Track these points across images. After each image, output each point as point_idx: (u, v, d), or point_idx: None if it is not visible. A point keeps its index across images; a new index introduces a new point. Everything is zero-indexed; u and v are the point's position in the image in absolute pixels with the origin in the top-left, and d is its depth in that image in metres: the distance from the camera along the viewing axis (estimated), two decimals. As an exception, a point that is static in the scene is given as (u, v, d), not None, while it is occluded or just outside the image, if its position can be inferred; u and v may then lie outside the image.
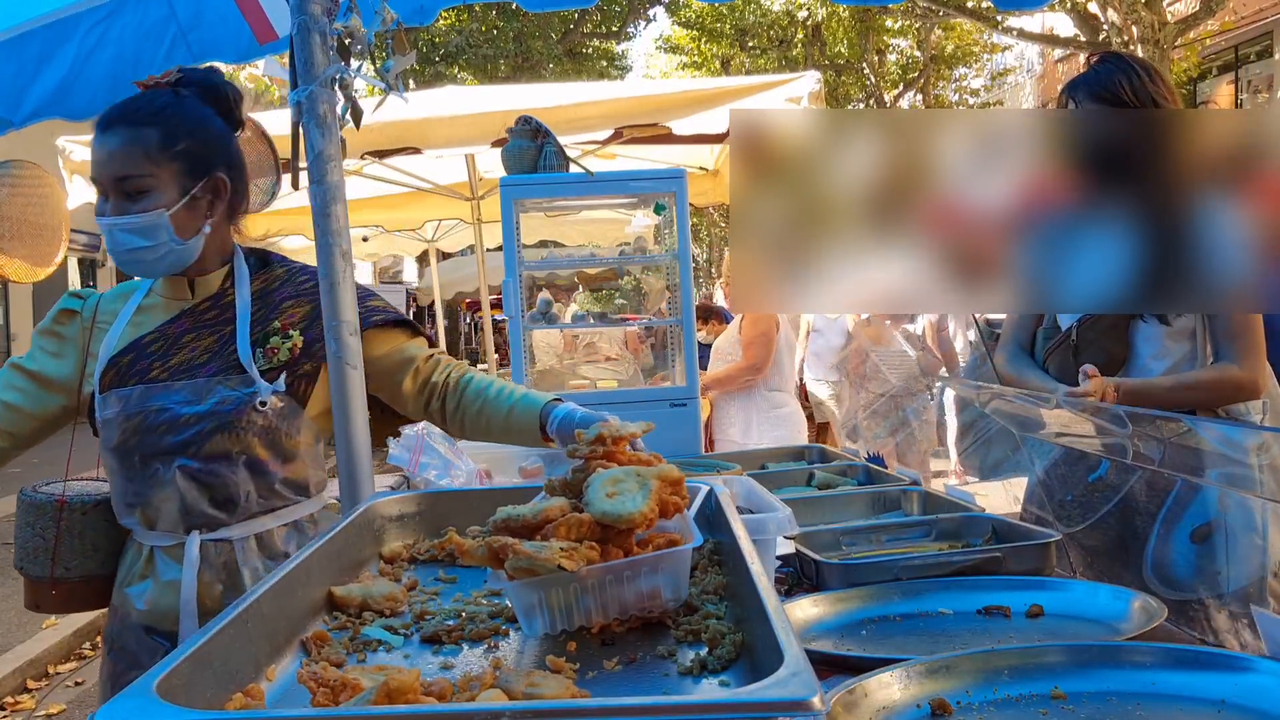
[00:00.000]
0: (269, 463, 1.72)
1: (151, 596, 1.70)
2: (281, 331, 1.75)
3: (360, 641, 1.06)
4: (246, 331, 1.72)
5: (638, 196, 3.70)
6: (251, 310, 1.75)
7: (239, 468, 1.68)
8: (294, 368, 1.73)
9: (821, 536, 1.81)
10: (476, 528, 1.28)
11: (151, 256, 1.66)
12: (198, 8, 2.54)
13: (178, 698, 0.78)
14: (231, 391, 1.68)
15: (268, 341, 1.73)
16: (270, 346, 1.73)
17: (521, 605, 1.04)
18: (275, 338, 1.74)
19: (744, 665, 0.94)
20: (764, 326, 4.37)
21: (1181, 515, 1.80)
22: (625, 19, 19.92)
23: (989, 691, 1.14)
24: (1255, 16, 13.84)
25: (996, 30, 14.98)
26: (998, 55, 22.05)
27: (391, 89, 1.69)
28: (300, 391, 1.74)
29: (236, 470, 1.68)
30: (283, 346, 1.73)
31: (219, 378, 1.68)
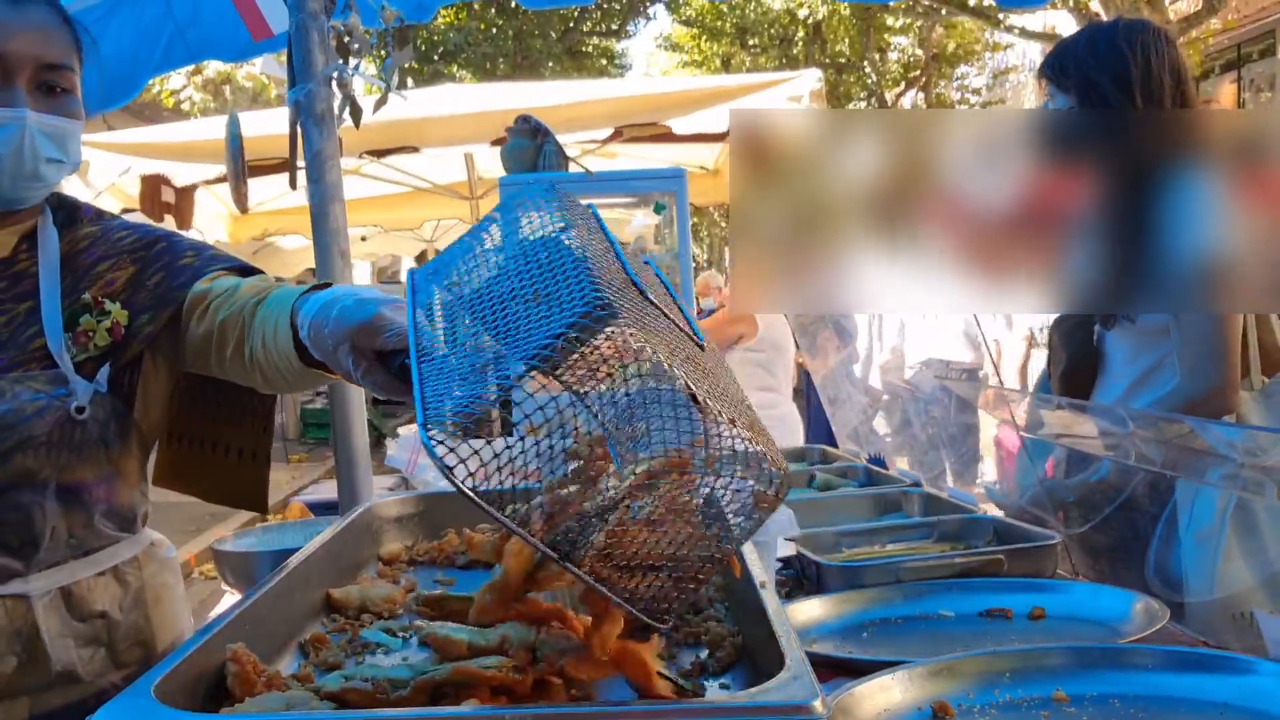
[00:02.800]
0: (90, 488, 1.29)
1: None
2: (95, 307, 1.30)
3: (359, 644, 1.05)
4: (57, 309, 1.28)
5: (638, 196, 3.70)
6: (60, 282, 1.31)
7: (47, 497, 1.25)
8: (116, 356, 1.30)
9: (822, 538, 1.80)
10: (487, 525, 1.28)
11: (55, 177, 1.29)
12: (194, 6, 2.54)
13: (176, 700, 0.78)
14: (35, 396, 1.23)
15: (77, 323, 1.28)
16: (81, 329, 1.28)
17: None
18: (86, 315, 1.29)
19: (745, 668, 0.94)
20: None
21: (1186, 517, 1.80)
22: (625, 17, 19.91)
23: (991, 694, 1.14)
24: (1258, 15, 13.82)
25: (998, 29, 14.98)
26: (999, 54, 22.03)
27: (390, 88, 1.69)
28: (121, 386, 1.31)
29: (45, 500, 1.24)
30: (99, 327, 1.29)
31: (15, 375, 1.23)
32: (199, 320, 1.34)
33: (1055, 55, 1.96)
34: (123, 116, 8.01)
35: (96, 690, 1.33)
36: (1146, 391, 1.92)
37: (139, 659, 1.38)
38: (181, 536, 6.76)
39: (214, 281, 1.36)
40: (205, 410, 1.52)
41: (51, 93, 1.28)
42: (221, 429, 1.53)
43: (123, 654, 1.36)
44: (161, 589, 1.44)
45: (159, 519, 1.49)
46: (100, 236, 1.38)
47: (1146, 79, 1.82)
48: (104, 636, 1.34)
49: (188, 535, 6.75)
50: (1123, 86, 1.83)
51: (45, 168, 1.27)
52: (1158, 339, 1.89)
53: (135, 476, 1.38)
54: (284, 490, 8.36)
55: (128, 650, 1.37)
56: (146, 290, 1.33)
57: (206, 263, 1.38)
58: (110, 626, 1.35)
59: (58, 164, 1.29)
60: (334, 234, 1.82)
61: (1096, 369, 2.00)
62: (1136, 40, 1.84)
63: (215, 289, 1.35)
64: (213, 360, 1.33)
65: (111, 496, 1.33)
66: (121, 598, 1.36)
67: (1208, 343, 1.78)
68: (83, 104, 1.35)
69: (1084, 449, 1.96)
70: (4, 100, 1.24)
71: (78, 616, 1.31)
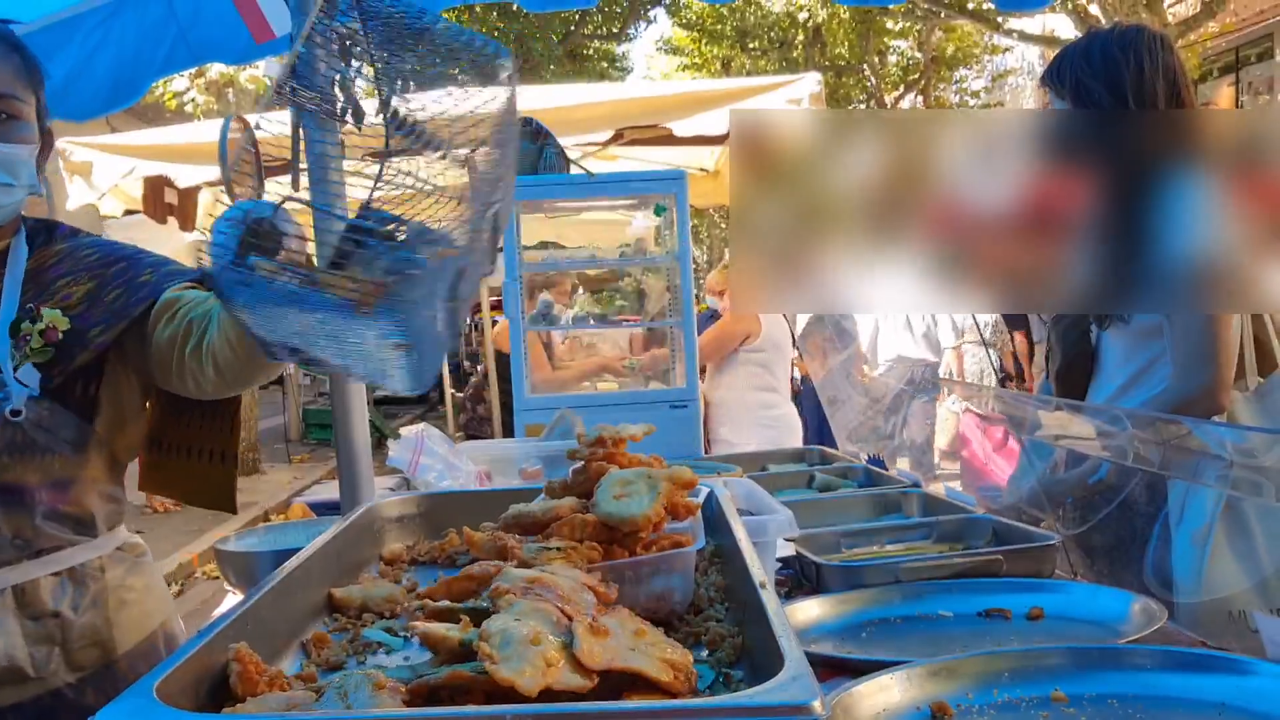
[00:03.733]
0: (32, 491, 1.34)
1: None
2: (35, 314, 1.35)
3: (360, 643, 1.06)
4: (8, 319, 1.35)
5: (638, 198, 3.70)
6: (21, 295, 1.37)
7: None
8: (59, 362, 1.34)
9: (822, 538, 1.81)
10: (490, 523, 1.28)
11: (6, 201, 1.36)
12: (197, 7, 2.55)
13: (177, 700, 0.79)
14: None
15: (19, 329, 1.34)
16: (21, 334, 1.33)
17: None
18: (26, 322, 1.34)
19: (744, 668, 0.94)
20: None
21: (1182, 517, 1.80)
22: (626, 20, 19.93)
23: (989, 694, 1.14)
24: (1256, 18, 13.83)
25: (997, 32, 14.99)
26: (998, 57, 22.04)
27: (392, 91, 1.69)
28: (73, 395, 1.37)
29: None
30: (34, 330, 1.34)
31: None
32: (166, 324, 1.38)
33: (1055, 62, 1.98)
34: (126, 118, 8.02)
35: (50, 689, 1.36)
36: (1139, 390, 1.92)
37: (96, 660, 1.41)
38: (184, 537, 6.77)
39: (186, 291, 1.42)
40: (181, 416, 1.56)
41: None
42: (195, 433, 1.56)
43: (77, 654, 1.39)
44: (127, 592, 1.47)
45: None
46: (67, 253, 1.44)
47: (1139, 85, 1.83)
48: (57, 636, 1.37)
49: (190, 536, 6.75)
50: (1116, 92, 1.84)
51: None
52: (1151, 339, 1.90)
53: (96, 483, 1.42)
54: (286, 490, 8.36)
55: (83, 651, 1.40)
56: (103, 305, 1.39)
57: (164, 278, 1.43)
58: (64, 626, 1.38)
59: (6, 187, 1.34)
60: (335, 235, 1.82)
61: (1092, 368, 2.00)
62: (1130, 47, 1.85)
63: (188, 296, 1.41)
64: (174, 360, 1.36)
65: (58, 500, 1.36)
66: (77, 599, 1.39)
67: (1199, 343, 1.79)
68: (37, 129, 1.39)
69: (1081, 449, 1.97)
70: None
71: (29, 615, 1.34)
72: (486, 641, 0.78)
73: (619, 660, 0.78)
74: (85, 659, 1.40)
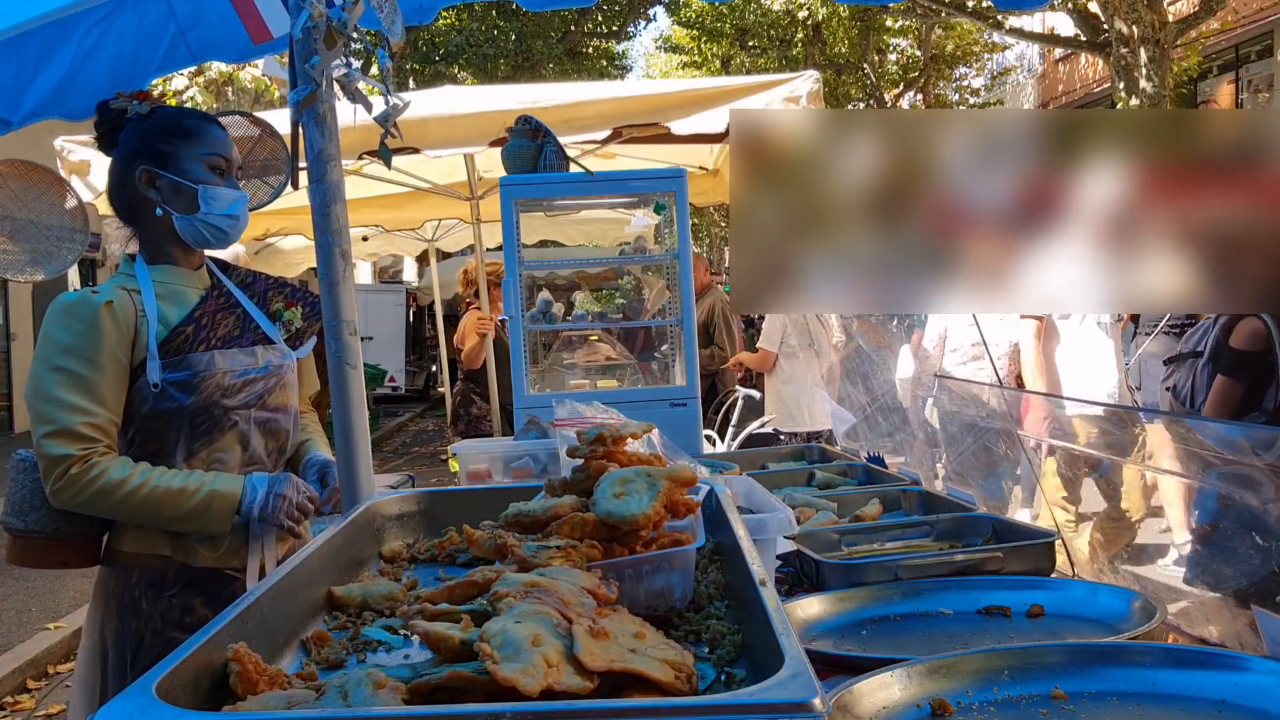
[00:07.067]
0: (289, 411, 2.03)
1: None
2: (286, 308, 2.13)
3: (360, 641, 1.06)
4: (261, 313, 2.03)
5: (638, 196, 3.70)
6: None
7: (291, 418, 2.01)
8: (301, 339, 2.11)
9: (822, 536, 1.81)
10: (490, 522, 1.28)
11: (237, 235, 2.00)
12: (196, 7, 2.54)
13: (178, 698, 0.79)
14: (269, 358, 1.95)
15: (281, 317, 2.07)
16: (285, 320, 2.08)
17: None
18: (284, 313, 2.11)
19: (745, 665, 0.94)
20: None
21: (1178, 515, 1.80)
22: (625, 18, 19.91)
23: (989, 691, 1.14)
24: (1256, 16, 13.83)
25: (997, 30, 14.98)
26: (998, 55, 22.04)
27: (390, 93, 1.69)
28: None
29: (289, 423, 1.99)
30: (295, 317, 2.09)
31: (259, 348, 1.95)
32: None
33: None
34: (124, 118, 7.99)
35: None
36: None
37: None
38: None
39: None
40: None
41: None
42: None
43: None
44: None
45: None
46: (251, 278, 2.07)
47: None
48: None
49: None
50: None
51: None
52: None
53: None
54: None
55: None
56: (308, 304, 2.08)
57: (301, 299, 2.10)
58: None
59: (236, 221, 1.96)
60: (336, 234, 1.83)
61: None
62: None
63: None
64: None
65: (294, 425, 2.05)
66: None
67: None
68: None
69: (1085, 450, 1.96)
70: (212, 191, 1.87)
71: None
72: (487, 642, 0.78)
73: (619, 661, 0.78)
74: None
